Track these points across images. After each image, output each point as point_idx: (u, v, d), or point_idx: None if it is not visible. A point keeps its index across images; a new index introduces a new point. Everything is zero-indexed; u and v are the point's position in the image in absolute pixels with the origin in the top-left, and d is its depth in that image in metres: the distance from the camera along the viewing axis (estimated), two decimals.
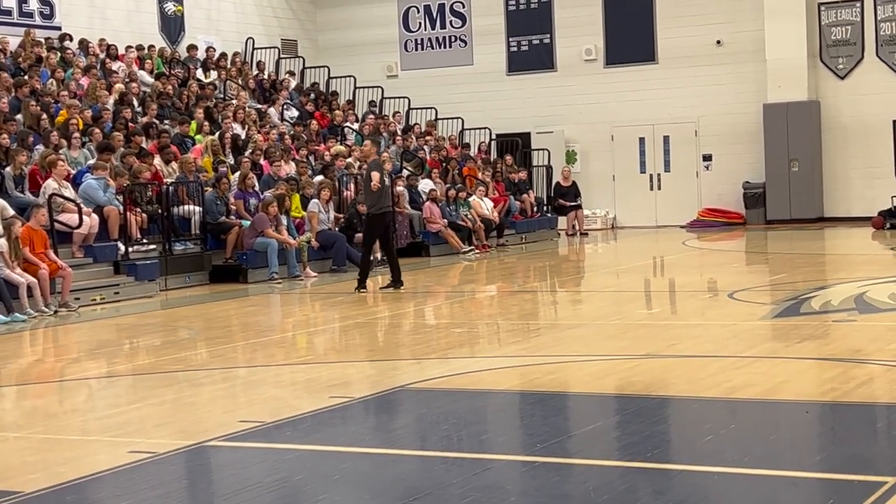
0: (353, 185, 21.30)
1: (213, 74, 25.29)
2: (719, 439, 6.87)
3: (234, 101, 23.65)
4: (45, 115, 18.88)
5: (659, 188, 27.56)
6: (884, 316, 11.84)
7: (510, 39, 28.72)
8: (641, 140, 27.61)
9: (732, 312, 12.53)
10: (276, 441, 7.39)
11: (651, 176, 27.64)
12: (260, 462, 6.90)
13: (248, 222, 18.48)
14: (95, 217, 16.61)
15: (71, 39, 23.17)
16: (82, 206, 16.39)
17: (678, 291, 15.56)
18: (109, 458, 7.00)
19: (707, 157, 27.10)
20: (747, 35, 26.27)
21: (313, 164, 22.20)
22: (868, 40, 25.70)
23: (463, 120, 28.26)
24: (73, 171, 17.54)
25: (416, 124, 27.45)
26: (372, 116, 26.65)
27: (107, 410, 8.88)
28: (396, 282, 15.85)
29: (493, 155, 27.61)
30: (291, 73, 27.91)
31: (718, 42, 26.63)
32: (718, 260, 20.26)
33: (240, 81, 25.55)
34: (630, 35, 27.40)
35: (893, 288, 13.82)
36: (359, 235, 19.79)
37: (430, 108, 28.35)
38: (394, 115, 27.68)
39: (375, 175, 15.53)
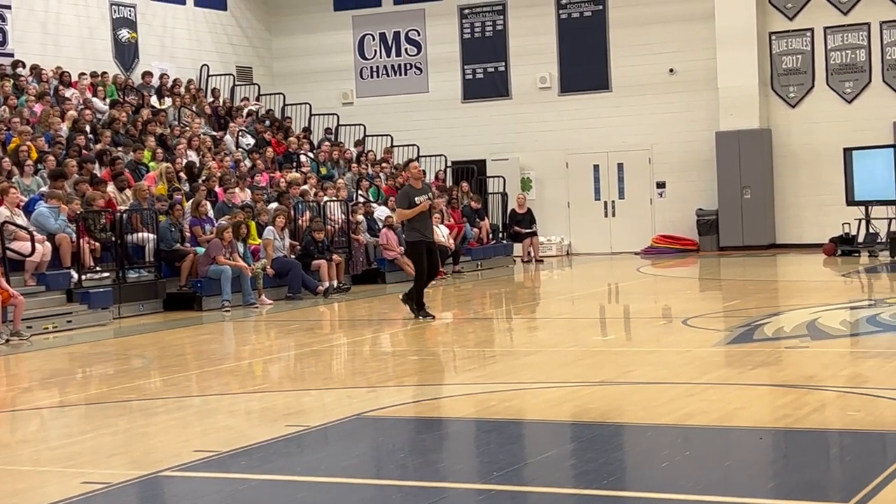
0: (307, 213, 21.27)
1: (168, 101, 25.20)
2: (674, 466, 6.89)
3: (188, 128, 23.57)
4: None
5: (613, 215, 27.71)
6: (836, 342, 11.97)
7: (465, 67, 28.84)
8: (596, 167, 27.77)
9: (686, 339, 12.60)
10: (230, 471, 7.34)
11: (605, 203, 27.79)
12: (214, 492, 6.85)
13: (203, 249, 18.40)
14: (48, 245, 16.48)
15: (24, 66, 23.02)
16: (35, 233, 16.26)
17: (633, 318, 15.62)
18: (61, 490, 6.92)
19: (661, 185, 27.29)
20: (700, 63, 26.54)
21: (269, 191, 22.15)
22: (818, 69, 26.03)
23: (419, 147, 28.30)
24: (26, 199, 17.41)
25: (370, 151, 27.47)
26: (327, 144, 26.65)
27: (59, 440, 8.79)
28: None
29: (449, 182, 27.66)
30: (247, 100, 27.86)
31: (671, 70, 26.89)
32: (672, 287, 20.37)
33: (194, 108, 25.47)
34: (584, 63, 27.59)
35: (845, 314, 13.99)
36: (316, 262, 19.78)
37: (386, 135, 28.40)
38: (355, 144, 27.69)
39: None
